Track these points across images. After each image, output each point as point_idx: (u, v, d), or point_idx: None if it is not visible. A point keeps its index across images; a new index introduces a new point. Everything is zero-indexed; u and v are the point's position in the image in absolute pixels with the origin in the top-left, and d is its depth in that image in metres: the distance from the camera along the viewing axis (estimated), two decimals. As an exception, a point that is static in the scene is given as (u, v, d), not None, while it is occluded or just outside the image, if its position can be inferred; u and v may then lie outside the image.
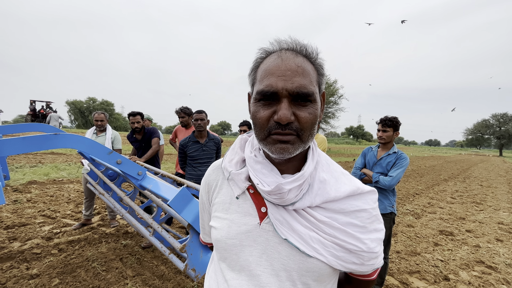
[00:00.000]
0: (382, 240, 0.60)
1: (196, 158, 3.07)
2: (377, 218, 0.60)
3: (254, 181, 0.58)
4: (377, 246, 0.58)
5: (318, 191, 0.56)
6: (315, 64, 0.55)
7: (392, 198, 2.33)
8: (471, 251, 3.56)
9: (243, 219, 0.61)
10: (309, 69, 0.53)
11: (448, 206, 6.08)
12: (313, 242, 0.55)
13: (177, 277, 2.50)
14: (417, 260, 3.20)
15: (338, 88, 27.52)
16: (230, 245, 0.61)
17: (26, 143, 1.28)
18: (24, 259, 2.64)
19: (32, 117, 22.42)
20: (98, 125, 3.58)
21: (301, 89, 0.50)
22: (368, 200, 0.59)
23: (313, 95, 0.52)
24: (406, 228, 4.38)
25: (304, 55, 0.54)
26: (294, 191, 0.54)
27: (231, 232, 0.61)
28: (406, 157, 2.29)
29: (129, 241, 3.16)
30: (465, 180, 11.04)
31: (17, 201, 4.46)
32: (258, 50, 0.58)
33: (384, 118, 2.35)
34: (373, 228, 0.58)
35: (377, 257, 0.59)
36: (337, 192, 0.56)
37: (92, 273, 2.46)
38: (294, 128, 0.51)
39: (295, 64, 0.51)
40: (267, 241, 0.58)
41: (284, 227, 0.56)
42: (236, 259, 0.60)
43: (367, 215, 0.57)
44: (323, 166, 0.60)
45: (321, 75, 0.57)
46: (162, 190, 1.67)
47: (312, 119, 0.52)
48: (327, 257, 0.55)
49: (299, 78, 0.50)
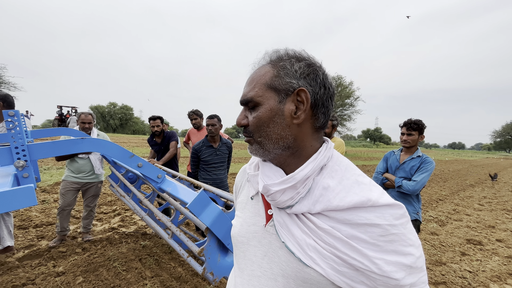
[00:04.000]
0: (410, 267, 0.49)
1: (210, 163, 3.11)
2: (401, 239, 0.49)
3: (259, 182, 0.60)
4: (398, 272, 0.48)
5: (319, 197, 0.53)
6: (277, 65, 0.56)
7: (417, 205, 2.22)
8: (503, 262, 3.31)
9: (253, 219, 0.64)
10: (261, 74, 0.57)
11: (476, 213, 5.72)
12: (309, 249, 0.52)
13: (194, 280, 2.52)
14: (442, 270, 3.03)
15: (354, 90, 26.95)
16: (240, 242, 0.65)
17: (56, 147, 1.35)
18: (51, 257, 2.77)
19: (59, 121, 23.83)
20: (85, 128, 3.07)
21: (242, 97, 0.59)
22: (385, 215, 0.49)
23: (253, 100, 0.56)
24: (430, 236, 4.16)
25: (268, 62, 0.59)
26: (288, 193, 0.53)
27: (242, 230, 0.65)
28: (432, 161, 2.18)
29: (147, 242, 3.24)
30: (494, 185, 10.35)
31: (45, 201, 4.71)
32: None
33: (409, 121, 2.25)
34: (392, 249, 0.48)
35: (400, 286, 0.48)
36: (341, 201, 0.51)
37: (113, 272, 2.54)
38: (248, 131, 0.59)
39: (250, 76, 0.60)
40: (270, 244, 0.59)
41: (284, 230, 0.56)
42: (243, 257, 0.63)
43: (381, 231, 0.49)
44: (332, 172, 0.56)
45: (281, 76, 0.55)
46: (180, 193, 1.70)
47: (256, 121, 0.56)
48: (325, 270, 0.50)
49: (246, 88, 0.59)
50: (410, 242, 0.50)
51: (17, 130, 1.25)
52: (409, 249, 0.49)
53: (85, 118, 3.09)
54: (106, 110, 64.20)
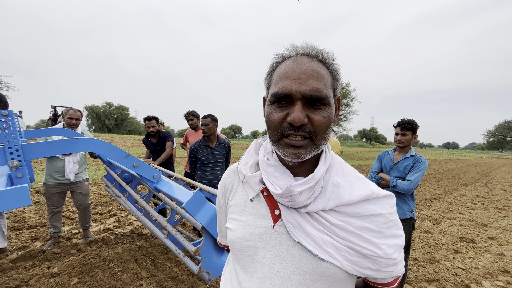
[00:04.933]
0: (401, 246, 0.58)
1: (206, 162, 3.11)
2: (395, 224, 0.57)
3: (267, 184, 0.58)
4: (395, 253, 0.56)
5: (331, 194, 0.56)
6: (331, 69, 0.56)
7: (411, 203, 2.25)
8: (494, 260, 3.38)
9: (257, 221, 0.61)
10: (324, 73, 0.53)
11: (469, 212, 5.81)
12: (326, 245, 0.54)
13: (190, 279, 2.52)
14: (436, 268, 3.07)
15: (351, 90, 27.16)
16: (244, 247, 0.62)
17: (51, 147, 1.34)
18: (46, 258, 2.75)
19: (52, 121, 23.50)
20: (71, 124, 2.96)
21: (314, 92, 0.51)
22: (384, 205, 0.57)
23: (327, 98, 0.52)
24: (424, 234, 4.22)
25: (320, 60, 0.55)
26: (305, 193, 0.55)
27: (245, 233, 0.62)
28: (425, 160, 2.22)
29: (143, 243, 3.23)
30: (487, 184, 10.52)
31: (39, 202, 4.66)
32: (275, 55, 0.59)
33: (403, 121, 2.28)
34: (391, 234, 0.56)
35: (395, 264, 0.57)
36: (351, 196, 0.55)
37: (108, 273, 2.53)
38: (308, 130, 0.52)
39: (310, 68, 0.52)
40: (281, 244, 0.58)
41: (297, 230, 0.56)
42: (250, 261, 0.61)
43: (383, 219, 0.56)
44: (337, 170, 0.60)
45: (336, 80, 0.57)
46: (176, 193, 1.70)
47: (326, 122, 0.53)
48: (341, 262, 0.54)
49: (313, 81, 0.51)
50: (399, 225, 0.59)
51: (11, 130, 1.25)
52: (400, 231, 0.58)
53: (74, 114, 3.00)
54: (101, 110, 63.55)
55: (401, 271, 0.59)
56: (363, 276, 0.57)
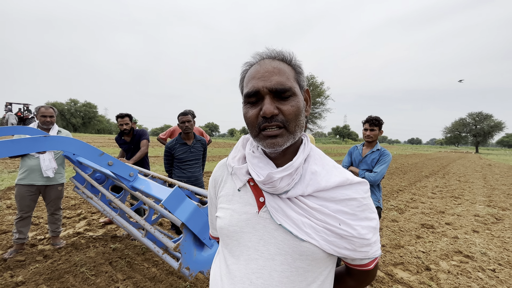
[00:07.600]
0: (375, 228, 0.63)
1: (184, 160, 3.07)
2: (369, 207, 0.63)
3: (252, 173, 0.65)
4: (369, 234, 0.61)
5: (310, 181, 0.62)
6: (291, 64, 0.64)
7: (378, 193, 2.45)
8: (450, 242, 3.77)
9: (243, 208, 0.67)
10: (285, 69, 0.61)
11: (429, 201, 6.38)
12: (305, 227, 0.60)
13: (169, 278, 2.49)
14: (400, 252, 3.36)
15: (325, 89, 28.12)
16: (231, 232, 0.67)
17: (15, 146, 1.26)
18: (7, 266, 2.54)
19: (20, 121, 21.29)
20: (46, 122, 2.83)
21: (278, 85, 0.58)
22: (358, 190, 0.63)
23: (291, 89, 0.59)
24: (391, 223, 4.57)
25: (280, 59, 0.63)
26: (285, 180, 0.61)
27: (233, 220, 0.67)
28: (389, 153, 2.42)
29: (118, 245, 3.11)
30: (445, 176, 11.58)
31: (-4, 208, 4.25)
32: (243, 64, 0.67)
33: (371, 118, 2.46)
34: (364, 217, 0.62)
35: (370, 245, 0.62)
36: (327, 182, 0.62)
37: (80, 278, 2.41)
38: (280, 120, 0.58)
39: (272, 67, 0.60)
40: (265, 228, 0.64)
41: (279, 214, 0.62)
42: (237, 245, 0.66)
43: (357, 203, 0.62)
44: (316, 160, 0.66)
45: (298, 73, 0.65)
46: (154, 191, 1.68)
47: (295, 110, 0.59)
48: (319, 241, 0.60)
49: (276, 76, 0.59)
50: (373, 209, 0.65)
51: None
52: (373, 215, 0.64)
53: (46, 111, 2.83)
54: (65, 107, 58.71)
55: (376, 253, 0.64)
56: (340, 255, 0.63)
